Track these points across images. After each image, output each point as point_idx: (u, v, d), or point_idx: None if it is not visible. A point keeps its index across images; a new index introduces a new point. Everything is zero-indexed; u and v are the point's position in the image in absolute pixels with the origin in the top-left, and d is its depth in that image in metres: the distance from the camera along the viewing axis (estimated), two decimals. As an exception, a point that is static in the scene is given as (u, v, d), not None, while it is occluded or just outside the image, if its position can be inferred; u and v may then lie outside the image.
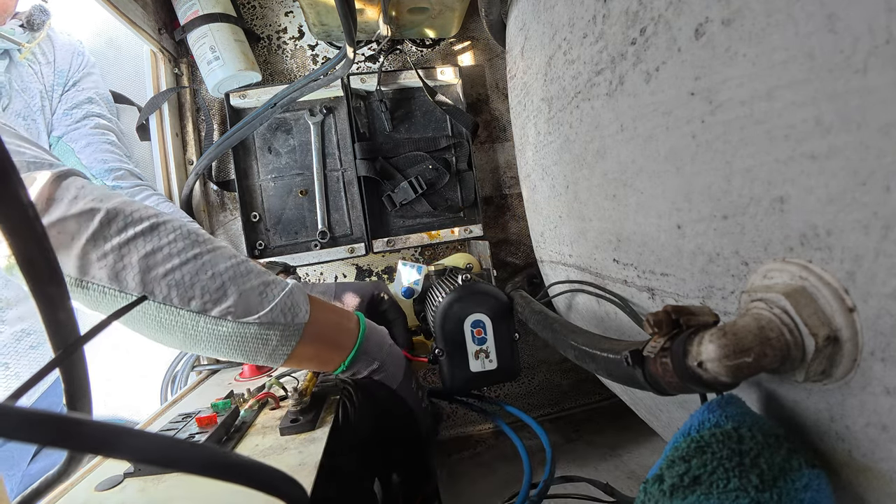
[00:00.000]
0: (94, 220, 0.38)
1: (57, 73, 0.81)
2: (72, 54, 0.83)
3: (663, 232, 0.39)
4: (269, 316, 0.44)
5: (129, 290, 0.39)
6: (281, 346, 0.45)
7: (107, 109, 0.87)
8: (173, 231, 0.42)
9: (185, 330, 0.42)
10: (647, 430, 0.82)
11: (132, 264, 0.39)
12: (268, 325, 0.44)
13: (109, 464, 0.45)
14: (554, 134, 0.58)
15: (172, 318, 0.41)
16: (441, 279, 0.76)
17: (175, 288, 0.40)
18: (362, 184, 0.89)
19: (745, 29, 0.27)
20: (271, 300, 0.45)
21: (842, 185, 0.23)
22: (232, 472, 0.22)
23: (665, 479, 0.26)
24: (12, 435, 0.16)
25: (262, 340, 0.44)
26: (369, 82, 0.92)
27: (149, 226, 0.41)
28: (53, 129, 0.80)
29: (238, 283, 0.43)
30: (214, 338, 0.43)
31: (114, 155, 0.82)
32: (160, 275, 0.40)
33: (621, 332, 0.51)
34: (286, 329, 0.45)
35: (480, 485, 0.85)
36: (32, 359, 0.77)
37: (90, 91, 0.84)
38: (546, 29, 0.55)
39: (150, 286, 0.40)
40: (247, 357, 0.45)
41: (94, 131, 0.82)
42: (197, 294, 0.41)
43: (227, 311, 0.42)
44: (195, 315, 0.41)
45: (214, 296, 0.42)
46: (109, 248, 0.39)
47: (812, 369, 0.25)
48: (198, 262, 0.42)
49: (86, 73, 0.85)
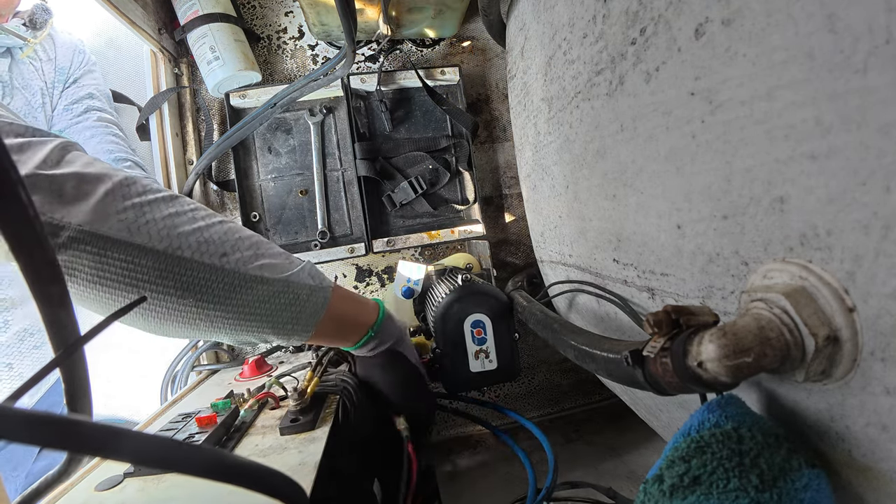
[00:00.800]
0: (112, 180, 0.37)
1: (58, 70, 0.81)
2: (73, 52, 0.83)
3: (663, 232, 0.39)
4: (299, 276, 0.44)
5: (152, 245, 0.36)
6: (314, 311, 0.45)
7: (108, 106, 0.87)
8: (192, 203, 0.42)
9: (223, 290, 0.39)
10: (647, 430, 0.82)
11: (155, 220, 0.37)
12: (299, 286, 0.44)
13: (109, 464, 0.45)
14: (554, 134, 0.58)
15: (202, 276, 0.38)
16: (441, 279, 0.76)
17: (206, 244, 0.38)
18: (362, 184, 0.89)
19: (745, 29, 0.27)
20: (298, 264, 0.45)
21: (842, 185, 0.23)
22: (231, 474, 0.22)
23: (665, 479, 0.26)
24: (12, 436, 0.16)
25: (295, 303, 0.43)
26: (369, 82, 0.92)
27: (169, 195, 0.40)
28: (55, 125, 0.81)
29: (266, 246, 0.43)
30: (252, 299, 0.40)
31: (118, 146, 0.82)
32: (188, 231, 0.38)
33: (621, 332, 0.51)
34: (317, 291, 0.45)
35: (480, 485, 0.85)
36: (36, 359, 0.77)
37: (91, 87, 0.84)
38: (546, 29, 0.55)
39: (177, 241, 0.37)
40: (278, 322, 0.43)
41: (98, 123, 0.82)
42: (229, 250, 0.40)
43: (262, 268, 0.41)
44: (230, 272, 0.39)
45: (247, 252, 0.41)
46: (130, 204, 0.36)
47: (812, 369, 0.25)
48: (224, 226, 0.41)
49: (86, 71, 0.85)
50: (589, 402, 1.07)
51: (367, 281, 0.99)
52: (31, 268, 0.25)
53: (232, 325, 0.41)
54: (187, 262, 0.37)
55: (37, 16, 0.77)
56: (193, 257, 0.37)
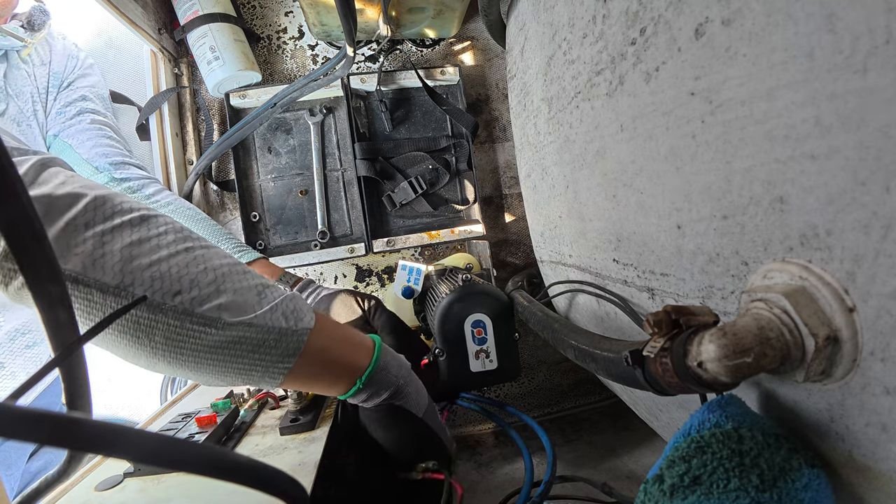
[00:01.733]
0: (79, 204, 0.34)
1: (52, 75, 0.81)
2: (66, 57, 0.83)
3: (663, 232, 0.39)
4: (267, 317, 0.37)
5: (106, 281, 0.33)
6: (282, 358, 0.38)
7: (102, 107, 0.86)
8: (164, 224, 0.37)
9: (167, 334, 0.34)
10: (647, 430, 0.82)
11: (113, 252, 0.33)
12: (265, 329, 0.37)
13: (109, 464, 0.45)
14: (554, 134, 0.58)
15: (153, 317, 0.34)
16: (441, 279, 0.76)
17: (160, 280, 0.34)
18: (362, 184, 0.89)
19: (745, 29, 0.27)
20: (271, 301, 0.38)
21: (842, 185, 0.23)
22: (232, 471, 0.22)
23: (665, 479, 0.26)
24: (13, 434, 0.16)
25: (259, 348, 0.37)
26: (369, 82, 0.92)
27: (139, 216, 0.36)
28: (49, 129, 0.80)
29: (234, 281, 0.37)
30: (202, 346, 0.35)
31: (115, 148, 0.82)
32: (144, 265, 0.34)
33: (621, 332, 0.51)
34: (288, 336, 0.38)
35: (480, 485, 0.85)
36: (28, 358, 0.77)
37: (84, 90, 0.83)
38: (546, 29, 0.55)
39: (129, 277, 0.33)
40: (239, 373, 0.37)
41: (91, 126, 0.81)
42: (185, 287, 0.35)
43: (219, 308, 0.35)
44: (180, 313, 0.34)
45: (206, 290, 0.35)
46: (91, 234, 0.33)
47: (812, 369, 0.25)
48: (189, 255, 0.36)
49: (80, 75, 0.84)
50: (589, 402, 1.07)
51: (367, 281, 0.99)
52: (31, 268, 0.25)
53: (191, 371, 0.37)
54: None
55: (35, 17, 0.77)
56: (145, 295, 0.34)
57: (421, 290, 0.78)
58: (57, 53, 0.82)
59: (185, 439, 0.32)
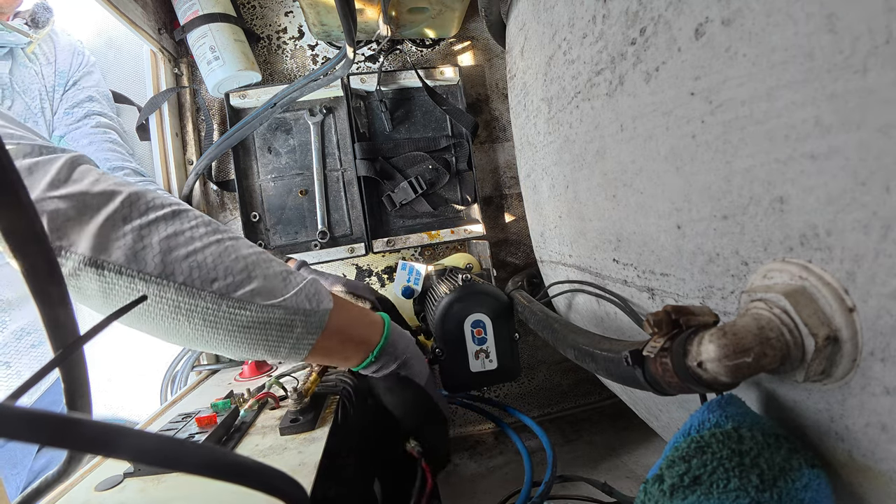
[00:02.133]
0: (115, 200, 0.37)
1: (58, 73, 0.81)
2: (72, 54, 0.83)
3: (663, 232, 0.39)
4: (293, 300, 0.42)
5: (149, 271, 0.37)
6: (306, 335, 0.43)
7: (108, 108, 0.87)
8: (195, 218, 0.41)
9: (205, 316, 0.39)
10: (647, 430, 0.82)
11: (152, 245, 0.37)
12: (293, 311, 0.42)
13: (109, 464, 0.45)
14: (554, 134, 0.58)
15: (193, 302, 0.38)
16: (441, 279, 0.76)
17: (197, 269, 0.38)
18: (362, 184, 0.89)
19: (745, 29, 0.27)
20: (295, 285, 0.43)
21: (842, 185, 0.23)
22: (232, 471, 0.22)
23: (665, 479, 0.26)
24: (12, 435, 0.16)
25: (287, 327, 0.42)
26: (369, 82, 0.92)
27: (171, 211, 0.39)
28: (55, 129, 0.81)
29: (262, 267, 0.42)
30: (236, 325, 0.40)
31: (116, 153, 0.82)
32: (182, 256, 0.38)
33: (621, 332, 0.51)
34: (311, 316, 0.43)
35: (480, 485, 0.85)
36: (33, 357, 0.77)
37: (91, 90, 0.84)
38: (546, 29, 0.55)
39: (170, 267, 0.38)
40: (269, 349, 0.42)
41: (96, 130, 0.82)
42: (220, 274, 0.39)
43: (252, 293, 0.40)
44: (217, 298, 0.39)
45: (238, 277, 0.40)
46: (129, 228, 0.37)
47: (812, 369, 0.25)
48: (221, 246, 0.40)
49: (86, 73, 0.85)
50: (589, 402, 1.07)
51: (367, 281, 0.99)
52: (31, 268, 0.25)
53: (224, 347, 0.42)
54: (178, 289, 0.38)
55: (38, 14, 0.77)
56: (185, 282, 0.38)
57: (421, 290, 0.78)
58: (62, 51, 0.82)
59: (185, 439, 0.32)
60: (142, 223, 0.37)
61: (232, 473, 0.22)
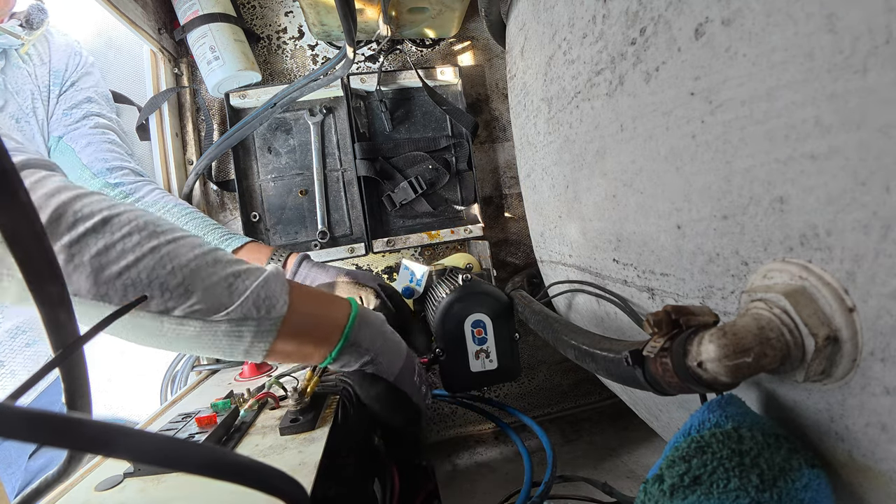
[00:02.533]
0: (44, 214, 0.34)
1: (53, 73, 0.81)
2: (68, 55, 0.83)
3: (663, 232, 0.39)
4: (239, 311, 0.40)
5: (83, 295, 0.35)
6: (256, 342, 0.41)
7: (107, 108, 0.86)
8: (128, 223, 0.37)
9: (150, 331, 0.38)
10: (647, 430, 0.82)
11: (83, 264, 0.35)
12: (239, 321, 0.40)
13: (109, 464, 0.45)
14: (554, 134, 0.58)
15: (134, 320, 0.37)
16: (441, 279, 0.76)
17: (132, 287, 0.36)
18: (362, 184, 0.89)
19: (745, 29, 0.27)
20: (242, 292, 0.40)
21: (842, 185, 0.23)
22: (232, 471, 0.22)
23: (665, 479, 0.26)
24: (13, 434, 0.16)
25: (236, 337, 0.40)
26: (369, 82, 0.92)
27: (100, 220, 0.36)
28: (53, 130, 0.80)
29: (203, 277, 0.39)
30: (184, 338, 0.39)
31: (114, 154, 0.82)
32: (114, 274, 0.35)
33: (621, 332, 0.51)
34: (261, 323, 0.41)
35: (480, 485, 0.85)
36: (28, 356, 0.77)
37: (89, 90, 0.84)
38: (546, 29, 0.55)
39: (103, 288, 0.35)
40: (224, 354, 0.42)
41: (94, 130, 0.81)
42: (156, 293, 0.37)
43: (192, 310, 0.38)
44: (157, 316, 0.37)
45: (175, 293, 0.37)
46: (59, 248, 0.34)
47: (812, 369, 0.25)
48: (155, 256, 0.37)
49: (84, 73, 0.84)
50: (589, 402, 1.07)
51: (367, 281, 0.99)
52: (31, 268, 0.25)
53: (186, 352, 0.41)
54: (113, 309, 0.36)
55: (33, 16, 0.77)
56: (121, 304, 0.36)
57: (422, 290, 0.78)
58: (57, 51, 0.82)
59: (185, 439, 0.32)
60: (71, 239, 0.35)
61: (232, 473, 0.22)
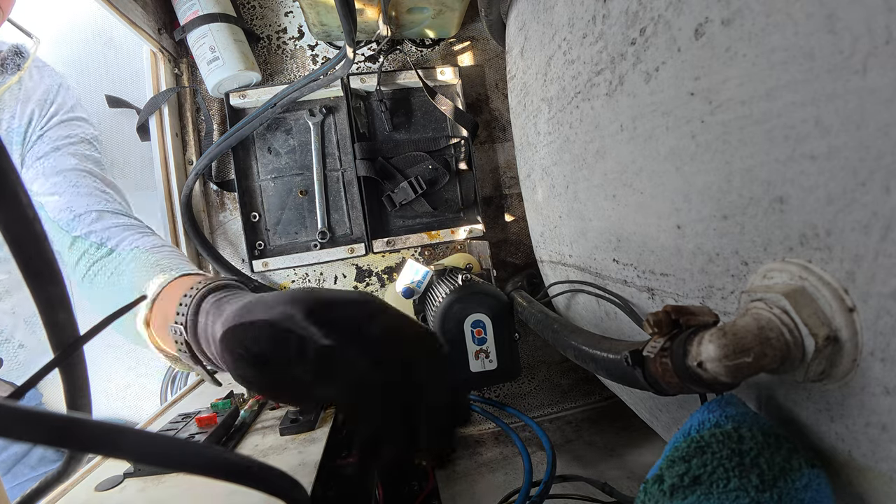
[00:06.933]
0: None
1: (17, 129, 0.71)
2: (41, 103, 0.73)
3: (663, 232, 0.39)
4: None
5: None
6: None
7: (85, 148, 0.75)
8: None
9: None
10: (647, 430, 0.82)
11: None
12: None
13: (109, 464, 0.45)
14: (554, 134, 0.58)
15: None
16: (441, 279, 0.76)
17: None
18: (362, 184, 0.89)
19: (745, 29, 0.27)
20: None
21: (842, 185, 0.23)
22: (233, 471, 0.22)
23: (665, 479, 0.26)
24: (13, 434, 0.16)
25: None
26: (369, 82, 0.92)
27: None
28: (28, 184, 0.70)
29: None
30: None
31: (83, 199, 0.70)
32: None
33: (621, 332, 0.51)
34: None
35: (480, 485, 0.85)
36: (41, 339, 0.76)
37: (57, 140, 0.73)
38: (546, 29, 0.55)
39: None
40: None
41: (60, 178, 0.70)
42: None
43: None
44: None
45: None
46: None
47: (812, 369, 0.25)
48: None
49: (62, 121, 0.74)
50: (589, 402, 1.07)
51: (367, 281, 0.99)
52: (30, 268, 0.25)
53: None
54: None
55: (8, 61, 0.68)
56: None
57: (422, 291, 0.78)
58: (27, 100, 0.73)
59: (185, 439, 0.32)
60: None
61: (232, 473, 0.22)
